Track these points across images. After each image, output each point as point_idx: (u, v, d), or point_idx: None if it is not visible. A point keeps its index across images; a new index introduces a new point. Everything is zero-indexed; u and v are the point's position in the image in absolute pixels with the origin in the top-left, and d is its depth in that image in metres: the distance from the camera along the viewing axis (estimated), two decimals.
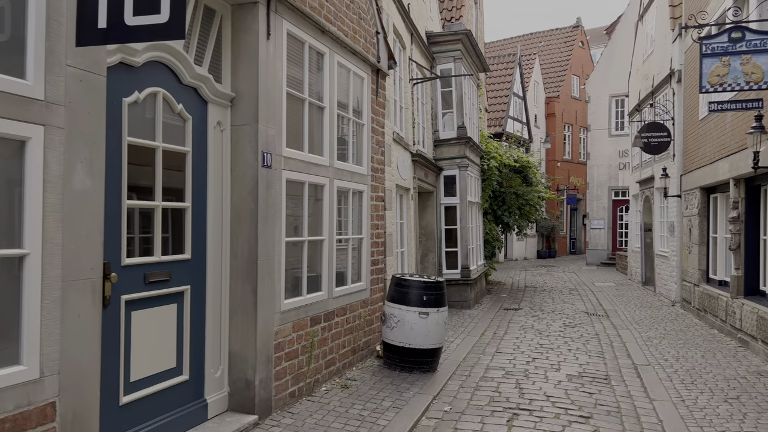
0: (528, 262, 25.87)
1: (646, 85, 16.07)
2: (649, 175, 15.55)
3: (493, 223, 15.24)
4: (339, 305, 6.54)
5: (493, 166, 14.22)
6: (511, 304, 13.12)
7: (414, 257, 10.39)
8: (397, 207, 9.28)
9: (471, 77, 13.40)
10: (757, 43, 7.02)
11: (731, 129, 9.13)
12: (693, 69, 11.78)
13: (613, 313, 11.93)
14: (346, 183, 6.72)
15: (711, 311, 10.16)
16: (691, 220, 11.73)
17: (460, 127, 12.20)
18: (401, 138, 9.37)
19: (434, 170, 11.86)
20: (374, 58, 7.42)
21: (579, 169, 30.96)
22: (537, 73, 30.30)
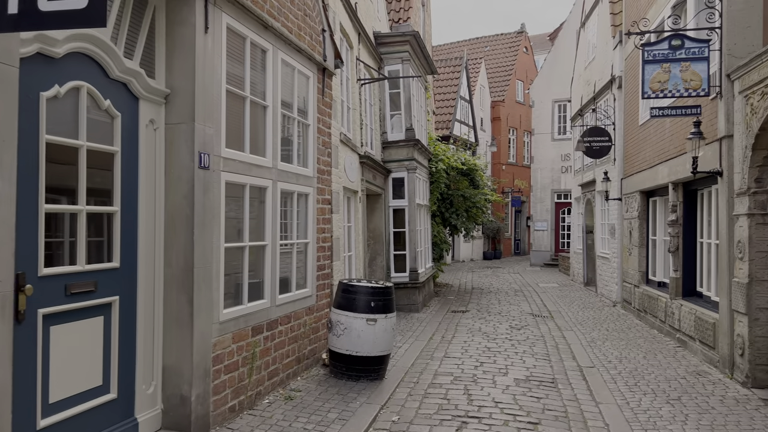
0: (474, 264, 26.13)
1: (588, 91, 16.46)
2: (591, 178, 15.92)
3: (441, 226, 15.25)
4: (283, 313, 6.27)
5: (441, 168, 14.21)
6: (459, 306, 13.13)
7: (362, 261, 10.20)
8: (344, 210, 9.07)
9: (419, 79, 13.33)
10: (695, 50, 7.20)
11: (670, 134, 9.39)
12: (633, 75, 12.10)
13: (558, 314, 12.09)
14: (291, 185, 6.47)
15: (651, 312, 10.43)
16: (632, 222, 12.03)
17: (408, 129, 12.10)
18: (349, 139, 9.17)
19: (382, 172, 11.72)
20: (320, 56, 7.19)
21: (523, 172, 31.57)
22: (483, 77, 30.69)
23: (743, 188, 6.61)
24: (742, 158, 6.66)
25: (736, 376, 6.75)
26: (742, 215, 6.64)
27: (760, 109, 6.20)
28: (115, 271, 4.27)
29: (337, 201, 8.16)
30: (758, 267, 6.46)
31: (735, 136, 6.88)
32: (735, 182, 6.85)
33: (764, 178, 6.45)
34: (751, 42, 6.91)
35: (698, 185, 8.77)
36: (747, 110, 6.56)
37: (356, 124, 9.92)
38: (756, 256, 6.47)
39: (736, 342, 6.76)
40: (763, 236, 6.45)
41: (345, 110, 9.37)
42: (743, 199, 6.62)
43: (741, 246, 6.65)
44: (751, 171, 6.49)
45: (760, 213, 6.45)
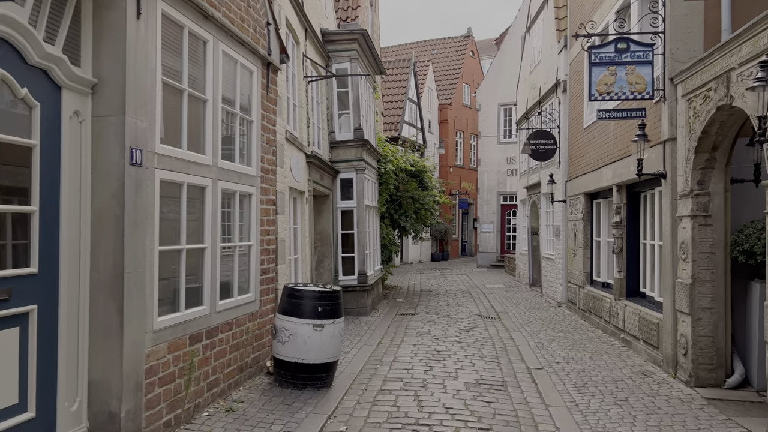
0: (423, 265, 26.16)
1: (534, 95, 16.69)
2: (536, 180, 16.14)
3: (390, 228, 15.10)
4: (224, 320, 5.93)
5: (390, 169, 14.07)
6: (408, 308, 13.00)
7: (309, 264, 9.91)
8: (290, 211, 8.76)
9: (368, 79, 13.15)
10: (640, 54, 7.30)
11: (614, 137, 9.54)
12: (578, 79, 12.30)
13: (505, 316, 12.14)
14: (233, 185, 6.14)
15: (595, 312, 10.58)
16: (576, 224, 12.21)
17: (356, 128, 11.89)
18: (295, 138, 8.87)
19: (330, 173, 11.46)
20: (265, 50, 6.88)
21: (470, 175, 31.89)
22: (431, 79, 30.83)
23: (686, 190, 6.72)
24: (685, 161, 6.78)
25: (680, 376, 6.86)
26: (685, 217, 6.75)
27: (703, 112, 6.31)
28: (32, 277, 3.86)
29: (283, 202, 7.86)
30: (701, 268, 6.57)
31: (678, 139, 7.00)
32: (678, 184, 6.97)
33: (706, 180, 6.58)
34: (693, 47, 7.04)
35: (641, 187, 8.92)
36: (690, 114, 6.67)
37: (303, 123, 9.63)
38: (698, 257, 6.58)
39: (679, 342, 6.87)
40: (705, 237, 6.57)
41: (291, 108, 9.07)
42: (686, 201, 6.74)
43: (684, 247, 6.76)
44: (693, 173, 6.60)
45: (703, 215, 6.57)
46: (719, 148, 6.44)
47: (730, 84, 5.66)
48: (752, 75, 5.25)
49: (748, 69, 5.35)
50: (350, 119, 11.97)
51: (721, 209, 6.56)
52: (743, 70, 5.43)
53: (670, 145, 7.16)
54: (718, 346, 6.53)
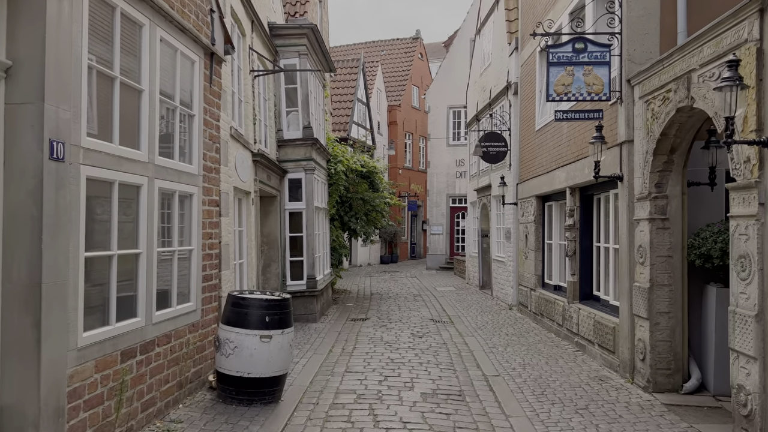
0: (372, 268, 25.84)
1: (484, 97, 16.66)
2: (487, 183, 16.09)
3: (340, 230, 14.69)
4: (161, 332, 5.40)
5: (341, 170, 13.66)
6: (359, 314, 12.62)
7: (255, 269, 9.39)
8: (235, 213, 8.24)
9: (317, 75, 12.71)
10: (597, 55, 7.20)
11: (568, 140, 9.47)
12: (529, 81, 12.26)
13: (457, 319, 11.94)
14: (172, 184, 5.61)
15: (548, 315, 10.51)
16: (528, 227, 12.15)
17: (306, 127, 11.43)
18: (240, 135, 8.36)
19: (278, 173, 10.96)
20: (208, 39, 6.38)
21: (419, 177, 31.82)
22: (380, 80, 30.59)
23: (644, 193, 6.64)
24: (642, 163, 6.70)
25: (637, 381, 6.77)
26: (643, 220, 6.67)
27: (662, 114, 6.23)
28: None
29: (227, 202, 7.34)
30: (658, 271, 6.50)
31: (635, 141, 6.92)
32: (635, 187, 6.89)
33: (664, 183, 6.51)
34: (650, 48, 6.99)
35: (595, 190, 8.88)
36: (648, 115, 6.60)
37: (249, 119, 9.12)
38: (656, 260, 6.50)
39: (637, 347, 6.78)
40: (663, 241, 6.50)
41: (236, 103, 8.56)
42: (644, 203, 6.66)
43: (642, 251, 6.67)
44: (651, 176, 6.53)
45: (660, 218, 6.50)
46: (677, 150, 6.38)
47: (691, 85, 5.58)
48: (714, 76, 5.16)
49: (710, 70, 5.26)
50: (299, 117, 11.50)
51: (678, 212, 6.51)
52: (705, 71, 5.35)
53: (627, 148, 7.08)
54: (675, 350, 6.47)
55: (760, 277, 4.50)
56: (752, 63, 4.57)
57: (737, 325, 4.74)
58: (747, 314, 4.62)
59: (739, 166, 4.77)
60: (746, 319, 4.63)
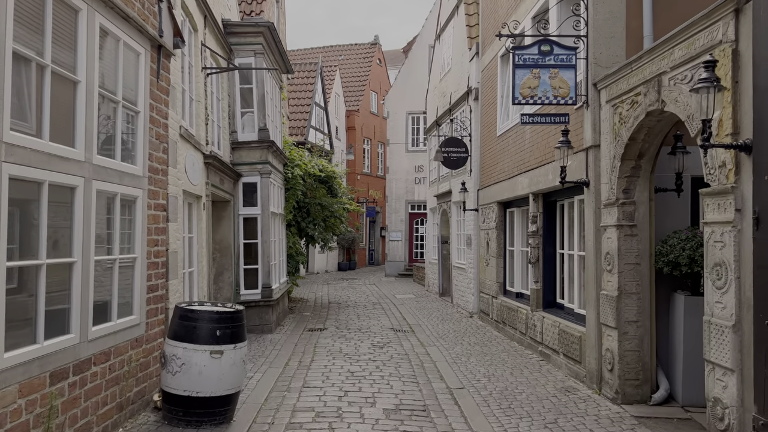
0: (330, 275, 25.36)
1: (444, 102, 16.51)
2: (447, 189, 15.91)
3: (297, 236, 14.22)
4: (98, 349, 4.89)
5: (298, 174, 13.21)
6: (316, 323, 12.18)
7: (206, 278, 8.85)
8: (184, 218, 7.73)
9: (274, 76, 12.26)
10: (563, 57, 7.04)
11: (530, 145, 9.33)
12: (490, 87, 12.13)
13: (418, 328, 11.66)
14: (113, 185, 5.12)
15: (510, 324, 10.32)
16: (489, 233, 11.99)
17: (261, 129, 10.96)
18: (191, 135, 7.85)
19: (232, 176, 10.44)
20: (155, 30, 5.90)
21: (377, 183, 31.55)
22: (338, 85, 30.23)
23: (611, 199, 6.49)
24: (610, 168, 6.55)
25: (605, 392, 6.59)
26: (610, 226, 6.51)
27: (630, 118, 6.09)
28: None
29: (175, 207, 6.84)
30: (627, 279, 6.35)
31: (602, 146, 6.78)
32: (602, 193, 6.74)
33: (632, 189, 6.37)
34: (616, 52, 6.88)
35: (558, 196, 8.74)
36: (615, 120, 6.46)
37: (201, 119, 8.61)
38: (625, 268, 6.35)
39: (605, 357, 6.61)
40: (630, 248, 6.35)
41: (187, 101, 8.05)
42: (611, 210, 6.50)
43: (610, 258, 6.52)
44: (619, 181, 6.38)
45: (629, 224, 6.36)
46: (645, 155, 6.26)
47: (662, 88, 5.44)
48: (687, 78, 5.03)
49: (681, 72, 5.13)
50: (254, 118, 11.02)
51: (646, 219, 6.38)
52: (676, 73, 5.21)
53: (594, 153, 6.94)
54: (644, 360, 6.32)
55: (737, 286, 4.35)
56: (728, 65, 4.43)
57: (713, 336, 4.58)
58: (723, 324, 4.46)
59: (713, 171, 4.62)
60: (723, 329, 4.47)
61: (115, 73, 5.26)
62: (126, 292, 5.50)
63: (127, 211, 5.53)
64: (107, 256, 5.15)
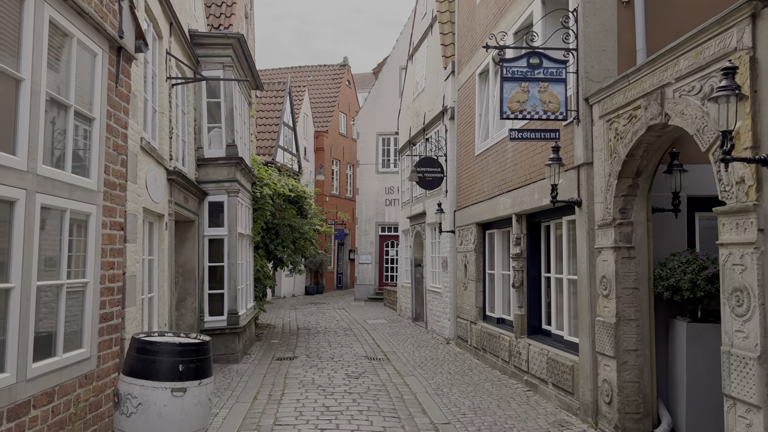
0: (297, 300, 24.56)
1: (418, 122, 16.19)
2: (421, 210, 15.50)
3: (265, 259, 13.54)
4: (39, 389, 4.19)
5: (267, 194, 12.61)
6: (286, 352, 11.48)
7: (168, 304, 8.14)
8: (144, 238, 7.06)
9: (243, 91, 11.72)
10: (553, 71, 6.72)
11: (513, 164, 8.98)
12: (467, 106, 11.83)
13: (394, 356, 11.09)
14: (61, 200, 4.48)
15: (492, 351, 9.85)
16: (467, 256, 11.57)
17: (229, 145, 10.36)
18: (153, 149, 7.23)
19: (197, 194, 9.79)
20: (114, 29, 5.32)
21: (346, 205, 31.04)
22: (307, 105, 29.78)
23: (607, 219, 6.13)
24: (605, 187, 6.20)
25: (603, 426, 6.14)
26: (606, 248, 6.14)
27: (628, 133, 5.77)
28: None
29: (134, 226, 6.18)
30: (625, 305, 5.96)
31: (595, 163, 6.44)
32: (596, 213, 6.38)
33: (629, 208, 6.03)
34: (607, 66, 6.59)
35: (543, 217, 8.39)
36: (610, 135, 6.13)
37: (164, 132, 7.99)
38: (623, 293, 5.96)
39: (601, 388, 6.17)
40: (629, 271, 5.98)
41: (150, 112, 7.44)
42: (607, 231, 6.14)
43: (606, 282, 6.12)
44: (615, 200, 6.03)
45: (626, 246, 5.99)
46: (643, 173, 5.93)
47: (665, 101, 5.12)
48: (695, 90, 4.71)
49: (688, 83, 4.81)
50: (222, 134, 10.43)
51: (644, 240, 6.03)
52: (682, 85, 4.90)
53: (586, 170, 6.59)
54: (644, 392, 5.91)
55: (761, 313, 3.97)
56: (745, 73, 4.12)
57: (734, 368, 4.18)
58: (746, 356, 4.07)
59: (729, 187, 4.28)
60: (746, 361, 4.07)
61: (68, 74, 4.66)
62: (75, 321, 4.82)
63: (79, 230, 4.88)
64: (53, 281, 4.49)
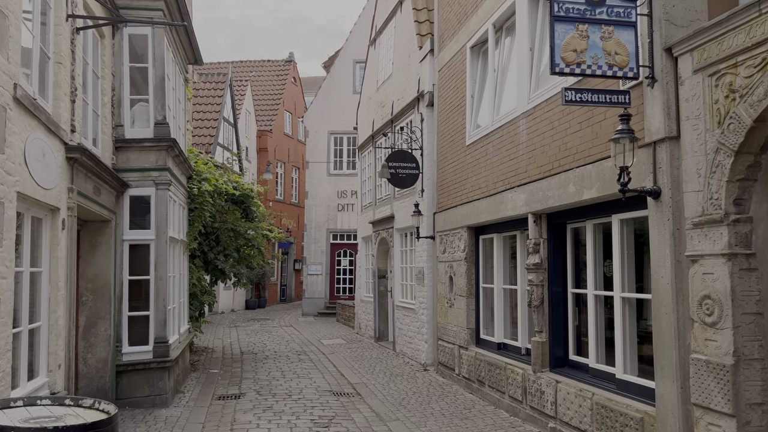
0: (237, 315, 21.93)
1: (383, 114, 14.19)
2: (388, 214, 13.45)
3: (203, 270, 11.13)
4: None
5: (206, 191, 10.22)
6: (229, 386, 9.13)
7: (64, 337, 5.70)
8: (25, 240, 4.68)
9: (179, 62, 9.36)
10: (620, 11, 4.88)
11: (529, 150, 7.11)
12: (454, 87, 9.93)
13: (365, 390, 8.97)
14: None
15: (494, 385, 7.89)
16: (453, 266, 9.62)
17: (159, 123, 7.99)
18: (40, 108, 4.88)
19: (114, 186, 7.39)
20: None
21: (292, 211, 28.57)
22: (249, 102, 27.27)
23: (712, 214, 4.28)
24: (706, 168, 4.37)
25: None
26: (710, 256, 4.29)
27: (756, 87, 3.94)
28: None
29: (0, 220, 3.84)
30: (746, 338, 4.12)
31: (685, 137, 4.61)
32: (688, 206, 4.54)
33: (746, 198, 4.21)
34: (694, 6, 4.81)
35: (571, 217, 6.55)
36: (718, 95, 4.31)
37: (62, 91, 5.61)
38: (742, 320, 4.12)
39: None
40: (749, 289, 4.15)
41: (38, 56, 5.07)
42: (712, 231, 4.29)
43: (711, 305, 4.27)
44: (728, 187, 4.19)
45: (744, 253, 4.16)
46: None
47: None
48: None
49: None
50: (149, 109, 8.05)
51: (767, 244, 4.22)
52: None
53: (668, 148, 4.75)
54: None
55: None
56: None
57: None
58: None
59: None
60: None
61: None
62: None
63: None
64: None
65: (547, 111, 6.71)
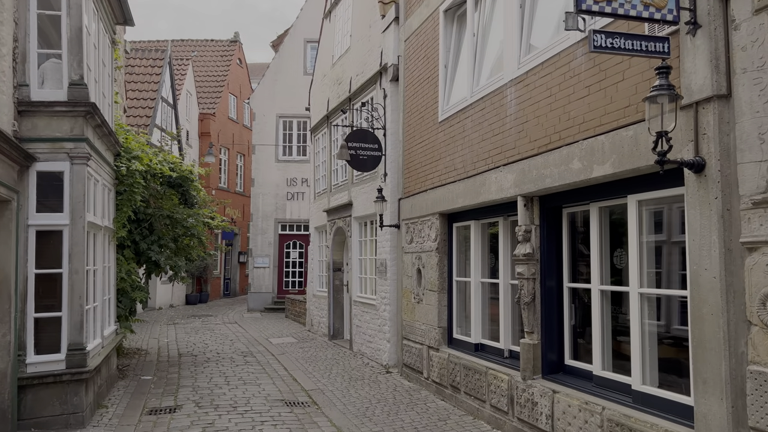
0: (176, 311, 20.31)
1: (340, 92, 13.02)
2: (345, 201, 12.32)
3: (134, 262, 9.69)
4: None
5: (137, 170, 8.79)
6: (164, 397, 7.83)
7: None
8: None
9: (102, 14, 7.92)
10: None
11: (519, 122, 6.15)
12: (424, 57, 8.89)
13: (322, 398, 7.88)
14: None
15: (472, 392, 6.94)
16: (422, 257, 8.61)
17: (75, 83, 6.58)
18: None
19: (15, 158, 5.97)
20: None
21: (236, 200, 26.99)
22: (190, 82, 25.46)
23: None
24: None
25: None
26: None
27: None
28: None
29: None
30: None
31: (740, 94, 3.71)
32: (744, 180, 3.65)
33: None
34: None
35: (569, 199, 5.64)
36: None
37: None
38: None
39: None
40: None
41: None
42: None
43: None
44: None
45: None
46: None
47: None
48: None
49: None
50: (63, 67, 6.62)
51: None
52: None
53: (716, 109, 3.85)
54: None
55: None
56: None
57: None
58: None
59: None
60: None
61: None
62: None
63: None
64: None
65: (542, 76, 5.75)
